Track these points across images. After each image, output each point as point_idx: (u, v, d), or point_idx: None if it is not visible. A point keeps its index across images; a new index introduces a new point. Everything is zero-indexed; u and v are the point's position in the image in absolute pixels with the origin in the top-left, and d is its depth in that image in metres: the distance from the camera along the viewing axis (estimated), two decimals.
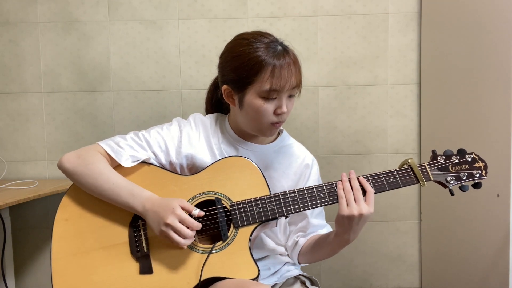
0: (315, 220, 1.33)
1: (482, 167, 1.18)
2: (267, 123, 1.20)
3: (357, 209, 1.11)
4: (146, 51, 2.04)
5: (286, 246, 1.37)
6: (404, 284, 2.13)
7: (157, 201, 1.12)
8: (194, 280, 1.10)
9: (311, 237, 1.31)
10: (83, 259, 1.14)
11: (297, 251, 1.32)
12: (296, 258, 1.34)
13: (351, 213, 1.11)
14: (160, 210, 1.09)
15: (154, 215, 1.10)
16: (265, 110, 1.17)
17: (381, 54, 2.04)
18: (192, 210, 1.10)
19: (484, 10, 1.56)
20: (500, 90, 1.46)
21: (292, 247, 1.34)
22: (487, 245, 1.56)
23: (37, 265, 2.11)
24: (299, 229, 1.33)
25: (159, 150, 1.24)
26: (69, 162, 1.17)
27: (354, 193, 1.13)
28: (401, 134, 2.07)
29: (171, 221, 1.06)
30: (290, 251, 1.36)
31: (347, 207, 1.12)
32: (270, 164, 1.29)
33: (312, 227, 1.32)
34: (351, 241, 1.17)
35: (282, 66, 1.14)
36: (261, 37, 1.18)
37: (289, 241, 1.35)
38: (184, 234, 1.07)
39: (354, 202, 1.12)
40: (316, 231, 1.32)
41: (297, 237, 1.33)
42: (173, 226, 1.06)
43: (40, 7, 2.03)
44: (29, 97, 2.06)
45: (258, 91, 1.16)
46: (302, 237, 1.32)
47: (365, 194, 1.14)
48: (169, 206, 1.09)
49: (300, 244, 1.31)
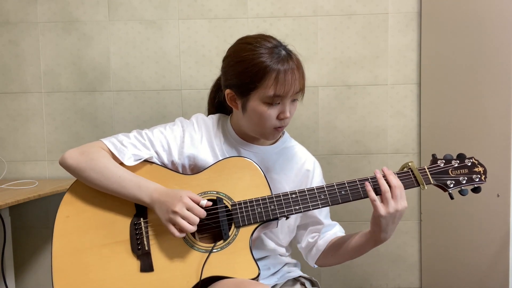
0: (325, 220, 1.33)
1: (481, 172, 1.19)
2: (270, 128, 1.20)
3: (394, 207, 1.11)
4: (146, 51, 2.04)
5: (300, 248, 1.37)
6: (404, 284, 2.13)
7: (165, 191, 1.13)
8: (195, 278, 1.10)
9: (332, 240, 1.31)
10: (84, 257, 1.14)
11: (315, 255, 1.32)
12: (314, 262, 1.34)
13: (387, 212, 1.10)
14: (168, 199, 1.10)
15: (162, 204, 1.10)
16: (269, 116, 1.17)
17: (381, 54, 2.04)
18: (200, 200, 1.11)
19: (484, 10, 1.56)
20: (500, 90, 1.47)
21: (307, 249, 1.34)
22: (487, 245, 1.56)
23: (37, 265, 2.11)
24: (312, 230, 1.33)
25: (161, 149, 1.24)
26: (72, 159, 1.17)
27: (392, 190, 1.12)
28: (401, 134, 2.07)
29: (179, 209, 1.07)
30: (305, 253, 1.36)
31: (384, 206, 1.11)
32: (272, 166, 1.29)
33: (326, 227, 1.32)
34: (386, 240, 1.16)
35: (286, 71, 1.14)
36: (264, 41, 1.18)
37: (302, 243, 1.35)
38: (192, 221, 1.07)
39: (391, 200, 1.11)
40: (329, 231, 1.33)
41: (312, 238, 1.33)
42: (181, 214, 1.07)
43: (40, 7, 2.03)
44: (29, 97, 2.06)
45: (262, 97, 1.16)
46: (320, 240, 1.32)
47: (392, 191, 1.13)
48: (177, 195, 1.10)
49: (320, 248, 1.31)
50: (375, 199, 1.12)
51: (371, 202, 1.12)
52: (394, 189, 1.12)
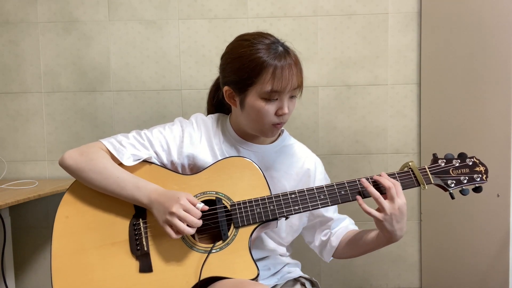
0: (334, 215, 1.34)
1: (483, 171, 1.18)
2: (268, 124, 1.20)
3: (389, 208, 1.11)
4: (146, 51, 2.04)
5: (313, 247, 1.39)
6: (404, 284, 2.13)
7: (163, 192, 1.13)
8: (194, 279, 1.10)
9: (346, 234, 1.32)
10: (83, 257, 1.14)
11: (330, 252, 1.34)
12: (329, 257, 1.35)
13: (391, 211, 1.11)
14: (165, 200, 1.10)
15: (160, 205, 1.10)
16: (267, 111, 1.17)
17: (381, 54, 2.04)
18: (197, 203, 1.11)
19: (484, 10, 1.56)
20: (500, 90, 1.46)
21: (321, 247, 1.36)
22: (487, 245, 1.56)
23: (37, 265, 2.11)
24: (322, 228, 1.35)
25: (161, 149, 1.24)
26: (72, 159, 1.17)
27: (387, 191, 1.12)
28: (401, 134, 2.07)
29: (176, 210, 1.07)
30: (319, 251, 1.37)
31: (386, 207, 1.11)
32: (271, 165, 1.29)
33: (335, 221, 1.34)
34: (399, 238, 1.15)
35: (283, 67, 1.14)
36: (262, 38, 1.18)
37: (315, 241, 1.36)
38: (189, 222, 1.07)
39: (386, 202, 1.12)
40: (339, 225, 1.34)
41: (324, 236, 1.34)
42: (177, 214, 1.07)
43: (40, 7, 2.03)
44: (29, 97, 2.06)
45: (260, 93, 1.16)
46: (332, 236, 1.33)
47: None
48: (174, 196, 1.10)
49: (334, 245, 1.32)
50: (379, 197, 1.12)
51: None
52: (389, 191, 1.12)
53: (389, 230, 1.13)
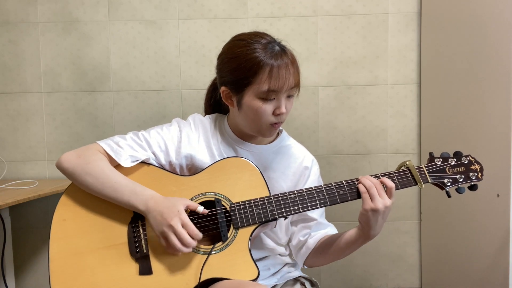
0: (320, 218, 1.31)
1: (478, 170, 1.19)
2: (266, 124, 1.20)
3: (382, 202, 1.11)
4: (146, 51, 2.04)
5: (290, 246, 1.35)
6: (404, 284, 2.13)
7: (161, 201, 1.11)
8: (194, 281, 1.10)
9: (322, 238, 1.29)
10: (81, 260, 1.13)
11: (305, 254, 1.30)
12: (302, 261, 1.32)
13: (376, 207, 1.10)
14: (164, 210, 1.08)
15: (158, 214, 1.09)
16: (264, 111, 1.17)
17: (381, 54, 2.04)
18: (197, 207, 1.10)
19: (484, 10, 1.56)
20: (500, 90, 1.46)
21: (298, 248, 1.32)
22: (487, 245, 1.56)
23: (37, 265, 2.11)
24: (304, 226, 1.31)
25: (158, 150, 1.24)
26: (69, 162, 1.16)
27: (376, 187, 1.12)
28: (401, 134, 2.07)
29: (174, 223, 1.06)
30: (295, 252, 1.34)
31: (372, 201, 1.11)
32: (269, 165, 1.29)
33: (318, 225, 1.31)
34: (375, 236, 1.16)
35: (280, 66, 1.14)
36: (258, 38, 1.18)
37: (293, 240, 1.33)
38: (183, 240, 1.06)
39: (378, 195, 1.11)
40: (320, 230, 1.31)
41: (303, 236, 1.31)
42: (175, 229, 1.06)
43: (40, 7, 2.03)
44: (29, 97, 2.06)
45: (257, 92, 1.16)
46: (310, 238, 1.30)
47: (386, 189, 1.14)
48: (174, 208, 1.08)
49: (310, 247, 1.29)
50: (365, 192, 1.13)
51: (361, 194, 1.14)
52: (378, 186, 1.13)
53: (371, 223, 1.13)
